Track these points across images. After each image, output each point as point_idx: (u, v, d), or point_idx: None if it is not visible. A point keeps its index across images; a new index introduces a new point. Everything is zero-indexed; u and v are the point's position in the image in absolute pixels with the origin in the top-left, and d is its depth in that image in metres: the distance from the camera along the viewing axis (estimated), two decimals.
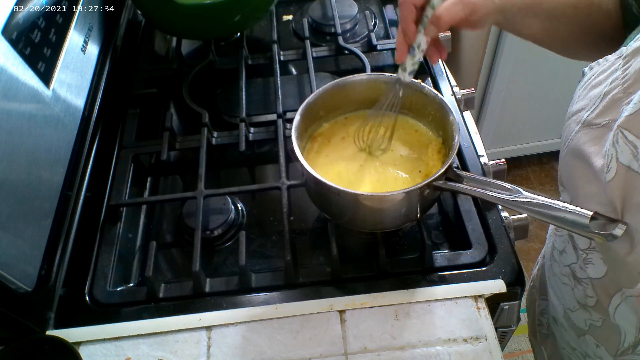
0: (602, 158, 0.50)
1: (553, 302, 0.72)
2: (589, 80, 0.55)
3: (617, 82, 0.50)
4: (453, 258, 0.69)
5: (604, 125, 0.51)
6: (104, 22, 0.89)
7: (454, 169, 0.62)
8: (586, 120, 0.53)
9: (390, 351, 0.62)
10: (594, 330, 0.63)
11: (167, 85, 0.93)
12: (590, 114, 0.53)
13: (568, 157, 0.57)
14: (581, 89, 0.57)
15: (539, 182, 2.02)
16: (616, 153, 0.48)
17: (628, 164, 0.47)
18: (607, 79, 0.52)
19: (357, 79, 0.72)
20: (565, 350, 0.74)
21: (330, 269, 0.68)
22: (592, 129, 0.52)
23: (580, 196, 0.56)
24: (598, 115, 0.52)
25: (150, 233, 0.79)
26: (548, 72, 1.58)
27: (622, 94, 0.49)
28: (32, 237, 0.63)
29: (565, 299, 0.67)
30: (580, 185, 0.55)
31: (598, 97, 0.52)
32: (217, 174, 0.86)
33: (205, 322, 0.65)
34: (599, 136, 0.51)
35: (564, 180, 0.60)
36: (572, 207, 0.51)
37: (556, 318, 0.73)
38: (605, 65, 0.54)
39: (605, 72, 0.53)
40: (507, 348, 1.60)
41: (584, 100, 0.55)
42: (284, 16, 1.10)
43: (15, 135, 0.60)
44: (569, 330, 0.69)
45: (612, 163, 0.49)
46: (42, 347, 0.59)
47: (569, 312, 0.67)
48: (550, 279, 0.72)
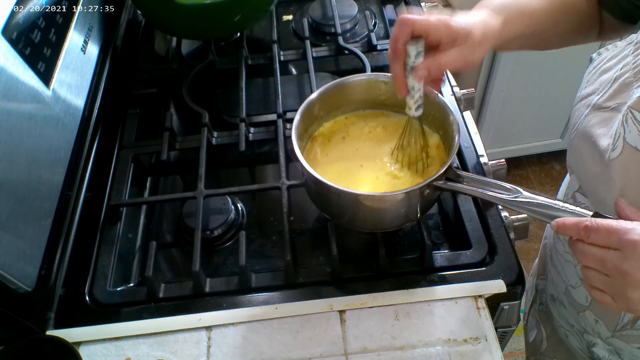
0: (609, 138, 0.51)
1: (554, 279, 0.74)
2: (598, 65, 0.56)
3: (628, 67, 0.52)
4: (453, 258, 0.69)
5: (613, 109, 0.52)
6: (104, 22, 0.89)
7: (454, 169, 0.62)
8: (596, 104, 0.54)
9: (390, 351, 0.62)
10: (594, 306, 0.64)
11: (167, 85, 0.93)
12: (600, 97, 0.54)
13: (577, 140, 0.58)
14: (590, 74, 0.58)
15: (539, 182, 2.02)
16: (624, 132, 0.50)
17: (635, 144, 0.49)
18: (617, 65, 0.54)
19: (357, 79, 0.72)
20: (562, 327, 0.75)
21: (330, 269, 0.68)
22: (602, 111, 0.54)
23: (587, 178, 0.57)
24: (608, 98, 0.53)
25: (150, 233, 0.79)
26: (548, 72, 1.58)
27: (632, 78, 0.51)
28: (32, 237, 0.63)
29: (567, 275, 0.68)
30: (587, 167, 0.56)
31: (609, 82, 0.54)
32: (217, 174, 0.86)
33: (205, 322, 0.65)
34: (608, 118, 0.53)
35: (572, 164, 0.61)
36: (572, 207, 0.52)
37: (555, 296, 0.74)
38: (614, 52, 0.55)
39: (615, 58, 0.54)
40: (507, 348, 1.60)
41: (594, 84, 0.56)
42: (284, 16, 1.10)
43: (15, 135, 0.60)
44: (569, 307, 0.70)
45: (619, 142, 0.50)
46: (42, 347, 0.59)
47: (570, 288, 0.68)
48: (553, 257, 0.73)
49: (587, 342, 0.70)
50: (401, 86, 0.60)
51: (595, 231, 0.46)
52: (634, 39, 0.53)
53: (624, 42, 0.55)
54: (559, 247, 0.70)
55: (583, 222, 0.47)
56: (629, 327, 0.61)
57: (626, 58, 0.53)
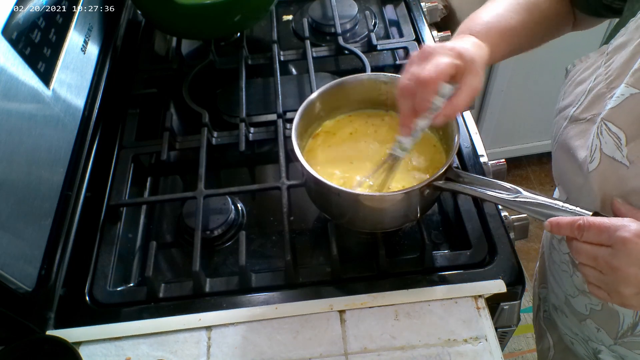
0: (586, 150, 0.52)
1: (554, 289, 0.73)
2: (574, 77, 0.57)
3: (600, 78, 0.52)
4: (453, 258, 0.69)
5: (589, 120, 0.53)
6: (104, 22, 0.89)
7: (454, 169, 0.62)
8: (573, 116, 0.55)
9: (390, 351, 0.62)
10: (594, 315, 0.64)
11: (167, 85, 0.93)
12: (576, 109, 0.55)
13: (558, 153, 0.58)
14: (566, 85, 0.59)
15: (539, 182, 2.02)
16: (600, 144, 0.51)
17: (612, 155, 0.50)
18: (591, 76, 0.54)
19: (357, 79, 0.72)
20: (567, 335, 0.75)
21: (330, 269, 0.68)
22: (578, 123, 0.54)
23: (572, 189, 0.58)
24: (583, 110, 0.54)
25: (150, 233, 0.79)
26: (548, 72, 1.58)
27: (605, 89, 0.51)
28: (32, 237, 0.63)
29: (565, 285, 0.68)
30: (569, 179, 0.57)
31: (583, 93, 0.54)
32: (217, 174, 0.86)
33: (205, 322, 0.65)
34: (584, 130, 0.53)
35: (556, 176, 0.62)
36: (572, 207, 0.52)
37: (557, 305, 0.74)
38: (588, 62, 0.56)
39: (589, 69, 0.55)
40: (507, 348, 1.60)
41: (570, 96, 0.57)
42: (284, 16, 1.10)
43: (15, 135, 0.60)
44: (570, 316, 0.70)
45: (596, 153, 0.51)
46: (42, 347, 0.59)
47: (569, 298, 0.68)
48: (550, 267, 0.73)
49: (593, 349, 0.70)
50: (407, 124, 0.57)
51: (588, 229, 0.47)
52: (606, 49, 0.53)
53: (596, 53, 0.55)
54: (555, 257, 0.69)
55: (576, 221, 0.48)
56: (629, 333, 0.61)
57: (599, 69, 0.53)
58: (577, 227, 0.48)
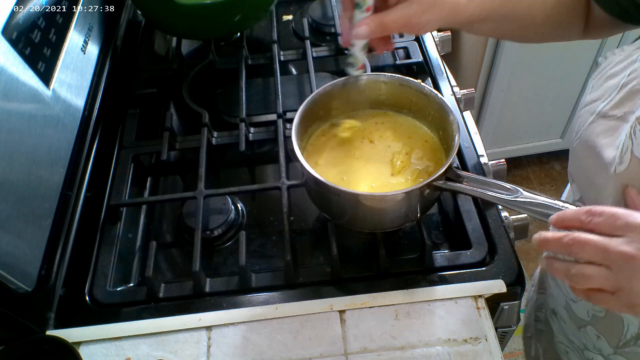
0: (614, 149, 0.49)
1: (554, 294, 0.72)
2: (605, 70, 0.54)
3: (636, 74, 0.49)
4: (453, 258, 0.69)
5: (619, 117, 0.50)
6: (104, 22, 0.89)
7: (454, 169, 0.62)
8: (601, 111, 0.52)
9: (390, 351, 0.62)
10: (596, 321, 0.63)
11: (167, 85, 0.93)
12: (605, 104, 0.52)
13: (579, 149, 0.55)
14: (595, 78, 0.55)
15: (539, 182, 2.02)
16: (632, 145, 0.47)
17: None
18: (624, 70, 0.51)
19: (357, 79, 0.72)
20: (562, 344, 0.73)
21: (330, 269, 0.68)
22: (607, 120, 0.51)
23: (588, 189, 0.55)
24: (614, 106, 0.51)
25: (150, 233, 0.79)
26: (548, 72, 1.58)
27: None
28: (32, 237, 0.63)
29: (567, 289, 0.67)
30: (588, 178, 0.54)
31: (615, 88, 0.51)
32: (217, 174, 0.86)
33: (205, 322, 0.65)
34: (613, 127, 0.50)
35: (574, 173, 0.59)
36: (572, 207, 0.51)
37: (555, 310, 0.73)
38: (622, 56, 0.53)
39: (622, 63, 0.52)
40: (507, 348, 1.60)
41: (599, 90, 0.53)
42: (284, 16, 1.10)
43: (15, 135, 0.60)
44: (569, 322, 0.69)
45: (627, 155, 0.48)
46: (42, 347, 0.59)
47: (571, 302, 0.67)
48: None
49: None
50: (345, 37, 0.61)
51: (600, 215, 0.42)
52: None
53: (632, 46, 0.52)
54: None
55: (584, 208, 0.44)
56: (632, 343, 0.59)
57: (634, 63, 0.50)
58: (586, 212, 0.43)
